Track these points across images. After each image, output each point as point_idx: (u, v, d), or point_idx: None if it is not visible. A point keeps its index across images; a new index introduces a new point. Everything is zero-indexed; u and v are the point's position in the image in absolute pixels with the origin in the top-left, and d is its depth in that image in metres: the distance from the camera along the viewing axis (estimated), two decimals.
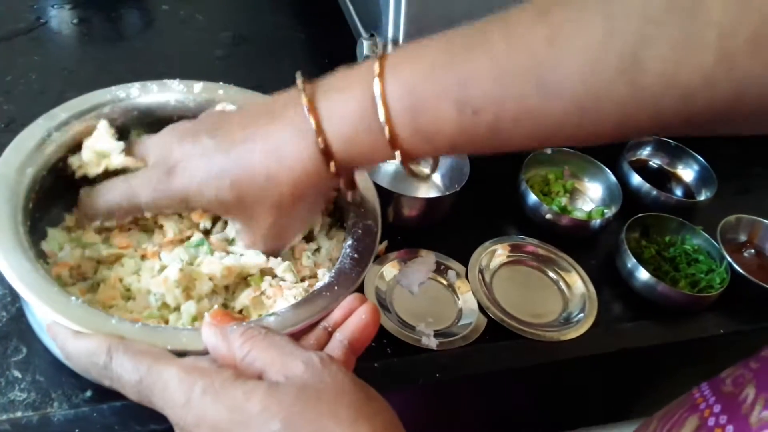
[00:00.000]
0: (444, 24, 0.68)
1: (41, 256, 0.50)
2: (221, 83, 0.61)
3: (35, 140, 0.51)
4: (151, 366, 0.39)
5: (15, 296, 0.53)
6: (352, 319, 0.44)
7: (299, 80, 0.45)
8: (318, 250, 0.57)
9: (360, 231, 0.54)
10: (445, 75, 0.40)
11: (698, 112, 0.36)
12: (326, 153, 0.43)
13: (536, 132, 0.40)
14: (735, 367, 0.53)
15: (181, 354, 0.41)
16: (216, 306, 0.51)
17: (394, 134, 0.42)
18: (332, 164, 0.44)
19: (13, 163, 0.49)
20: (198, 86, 0.60)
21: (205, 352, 0.41)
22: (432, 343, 0.59)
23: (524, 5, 0.40)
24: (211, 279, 0.52)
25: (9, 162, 0.49)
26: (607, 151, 0.81)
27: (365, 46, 0.73)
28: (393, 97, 0.41)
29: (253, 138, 0.46)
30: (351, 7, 0.82)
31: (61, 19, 0.84)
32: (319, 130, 0.43)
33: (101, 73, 0.76)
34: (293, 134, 0.44)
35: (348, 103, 0.43)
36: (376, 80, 0.41)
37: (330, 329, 0.44)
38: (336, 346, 0.42)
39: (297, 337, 0.44)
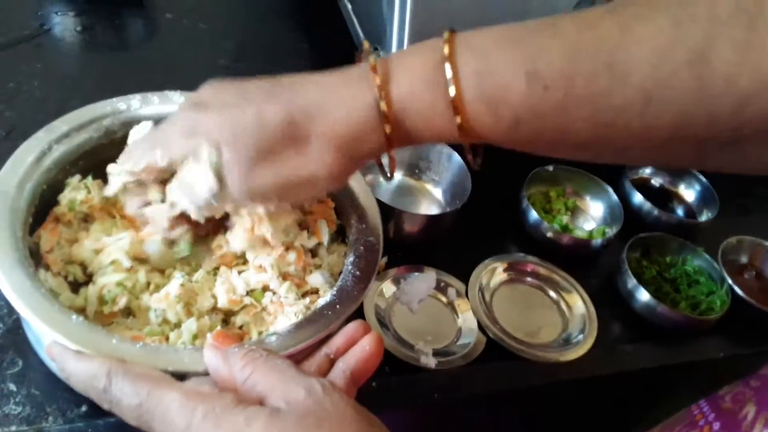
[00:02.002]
0: None
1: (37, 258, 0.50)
2: None
3: (35, 154, 0.51)
4: (151, 390, 0.38)
5: (12, 308, 0.52)
6: (355, 350, 0.44)
7: (365, 44, 0.44)
8: (320, 265, 0.57)
9: (362, 248, 0.54)
10: (515, 47, 0.39)
11: (750, 119, 0.36)
12: (385, 96, 0.41)
13: (601, 115, 0.39)
14: (734, 384, 0.53)
15: (182, 375, 0.41)
16: (219, 326, 0.51)
17: (459, 95, 0.40)
18: (383, 108, 0.41)
19: (13, 179, 0.49)
20: None
21: (206, 373, 0.41)
22: (431, 362, 0.58)
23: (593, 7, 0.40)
24: (213, 297, 0.51)
25: (8, 177, 0.49)
26: (609, 169, 0.81)
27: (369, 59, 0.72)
28: (462, 60, 0.40)
29: (311, 79, 0.44)
30: (355, 20, 0.82)
31: (64, 26, 0.83)
32: (382, 78, 0.41)
33: (104, 82, 0.76)
34: (353, 82, 0.42)
35: (415, 60, 0.42)
36: (445, 45, 0.40)
37: (332, 356, 0.44)
38: (338, 375, 0.42)
39: (298, 359, 0.43)
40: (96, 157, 0.55)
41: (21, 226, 0.47)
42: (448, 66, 0.40)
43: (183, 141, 0.44)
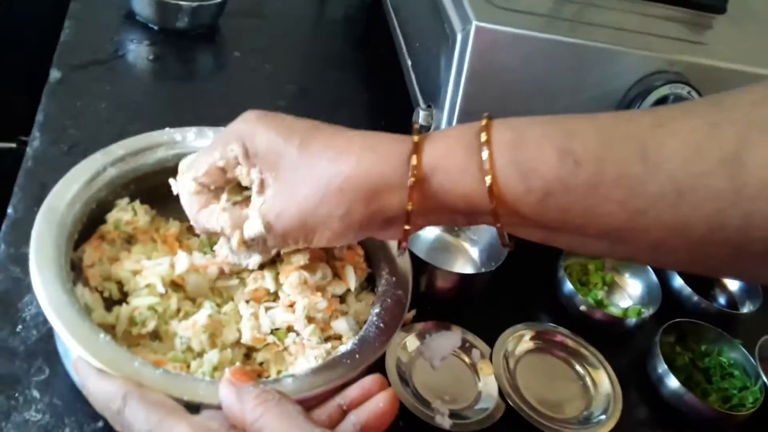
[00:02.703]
0: (499, 106, 0.69)
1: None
2: None
3: (89, 174, 0.54)
4: (162, 419, 0.39)
5: (47, 318, 0.55)
6: (369, 405, 0.44)
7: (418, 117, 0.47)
8: (347, 312, 0.58)
9: (389, 300, 0.54)
10: (551, 126, 0.41)
11: None
12: (417, 150, 0.43)
13: (632, 202, 0.39)
14: None
15: (196, 405, 0.42)
16: (240, 360, 0.51)
17: (491, 158, 0.41)
18: (413, 164, 0.43)
19: (65, 196, 0.52)
20: None
21: (219, 407, 0.42)
22: (446, 423, 0.58)
23: None
24: (238, 332, 0.53)
25: (61, 194, 0.52)
26: None
27: (421, 115, 0.74)
28: (497, 129, 0.42)
29: (352, 130, 0.47)
30: (413, 77, 0.84)
31: (137, 54, 0.88)
32: (419, 137, 0.44)
33: (166, 110, 0.80)
34: (394, 138, 0.45)
35: (454, 130, 0.45)
36: (483, 119, 0.43)
37: (345, 407, 0.44)
38: (348, 428, 0.42)
39: (311, 405, 0.44)
40: (147, 183, 0.58)
41: (66, 242, 0.49)
42: (483, 133, 0.41)
43: (237, 141, 0.48)
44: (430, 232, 0.77)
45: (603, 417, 0.63)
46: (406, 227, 0.46)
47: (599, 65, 0.68)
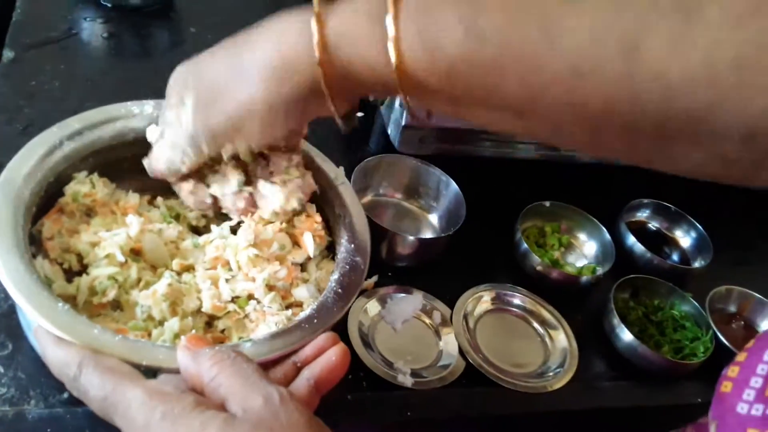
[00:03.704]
0: None
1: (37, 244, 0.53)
2: None
3: (46, 148, 0.54)
4: (116, 385, 0.40)
5: (8, 294, 0.55)
6: (321, 359, 0.45)
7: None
8: (308, 280, 0.59)
9: (348, 266, 0.55)
10: (459, 1, 0.40)
11: (676, 115, 0.37)
12: (319, 20, 0.42)
13: (531, 79, 0.39)
14: (675, 430, 0.54)
15: (155, 370, 0.43)
16: (201, 328, 0.53)
17: (397, 33, 0.40)
18: (315, 27, 0.42)
19: (22, 169, 0.52)
20: None
21: (178, 371, 0.42)
22: (407, 381, 0.60)
23: None
24: (199, 300, 0.53)
25: (17, 167, 0.52)
26: (606, 210, 0.82)
27: None
28: (406, 3, 0.41)
29: (263, 25, 0.47)
30: None
31: (92, 31, 0.87)
32: (321, 6, 0.43)
33: (122, 87, 0.79)
34: (297, 22, 0.45)
35: (357, 3, 0.43)
36: None
37: (299, 365, 0.45)
38: (302, 383, 0.44)
39: (267, 366, 0.45)
40: (105, 156, 0.58)
41: (23, 215, 0.50)
42: (390, 2, 0.40)
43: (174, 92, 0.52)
44: (391, 201, 0.78)
45: (560, 370, 0.66)
46: (332, 108, 0.47)
47: None
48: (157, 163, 0.55)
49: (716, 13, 0.35)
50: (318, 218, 0.59)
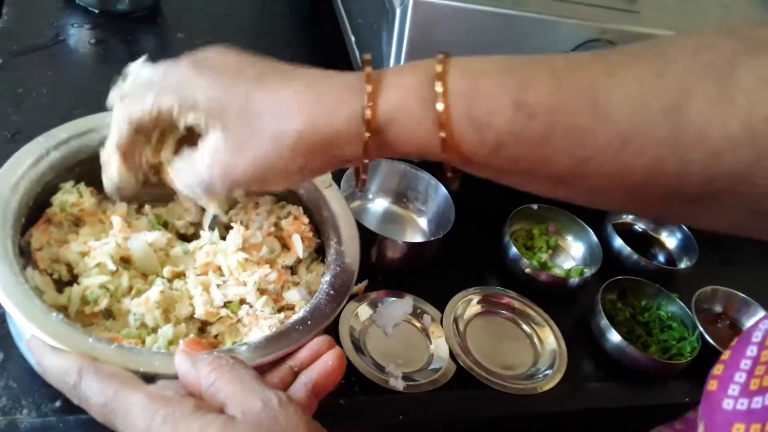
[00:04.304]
0: None
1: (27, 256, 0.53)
2: None
3: (33, 157, 0.54)
4: (117, 390, 0.40)
5: None
6: (318, 364, 0.46)
7: (367, 56, 0.44)
8: (299, 283, 0.59)
9: (338, 268, 0.56)
10: (507, 75, 0.41)
11: (721, 174, 0.38)
12: (372, 104, 0.41)
13: (580, 151, 0.40)
14: (662, 426, 0.55)
15: (152, 376, 0.43)
16: (194, 334, 0.53)
17: (446, 111, 0.41)
18: (368, 114, 0.41)
19: (9, 179, 0.52)
20: None
21: (175, 377, 0.43)
22: (399, 384, 0.60)
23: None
24: (191, 306, 0.54)
25: (5, 178, 0.52)
26: (593, 212, 0.83)
27: None
28: (453, 78, 0.41)
29: (303, 72, 0.45)
30: (357, 53, 0.85)
31: (79, 38, 0.87)
32: (374, 86, 0.42)
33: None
34: (344, 86, 0.43)
35: (408, 76, 0.42)
36: (438, 65, 0.41)
37: (296, 369, 0.46)
38: (299, 388, 0.44)
39: (263, 370, 0.45)
40: (91, 166, 0.58)
41: (12, 225, 0.50)
42: (438, 83, 0.41)
43: (174, 95, 0.46)
44: (380, 205, 0.79)
45: (549, 372, 0.66)
46: (363, 177, 0.46)
47: (534, 35, 0.71)
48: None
49: (748, 74, 0.37)
50: (305, 220, 0.60)
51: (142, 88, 0.48)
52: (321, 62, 0.97)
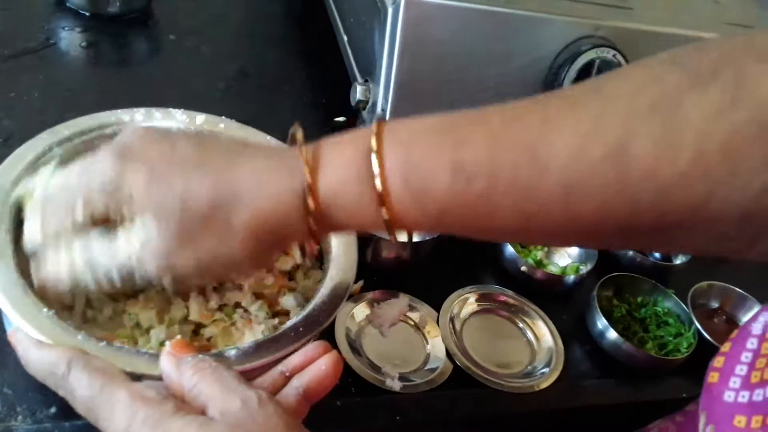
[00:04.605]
0: (433, 78, 0.71)
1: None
2: (223, 117, 0.63)
3: (35, 153, 0.54)
4: (103, 385, 0.40)
5: None
6: (311, 368, 0.45)
7: (298, 132, 0.44)
8: (295, 288, 0.59)
9: (335, 276, 0.55)
10: (442, 138, 0.40)
11: (672, 209, 0.37)
12: (312, 191, 0.41)
13: (524, 206, 0.40)
14: (663, 419, 0.55)
15: (138, 377, 0.43)
16: (188, 336, 0.53)
17: (386, 189, 0.40)
18: (311, 204, 0.41)
19: (10, 174, 0.52)
20: (200, 118, 0.62)
21: (160, 378, 0.42)
22: (396, 385, 0.60)
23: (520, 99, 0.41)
24: (186, 308, 0.53)
25: (5, 173, 0.52)
26: None
27: (359, 90, 0.75)
28: (389, 151, 0.40)
29: (240, 160, 0.43)
30: (350, 53, 0.85)
31: (70, 41, 0.87)
32: (311, 169, 0.41)
33: (102, 96, 0.79)
34: (284, 169, 0.43)
35: (344, 152, 0.42)
36: (373, 137, 0.41)
37: (288, 374, 0.45)
38: (291, 392, 0.44)
39: (253, 375, 0.45)
40: None
41: (10, 220, 0.50)
42: (374, 159, 0.40)
43: (105, 196, 0.44)
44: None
45: (546, 370, 0.66)
46: (311, 250, 0.48)
47: (527, 33, 0.70)
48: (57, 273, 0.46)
49: (695, 109, 0.35)
50: None
51: (64, 199, 0.45)
52: (314, 62, 0.97)
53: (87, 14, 0.90)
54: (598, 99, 0.38)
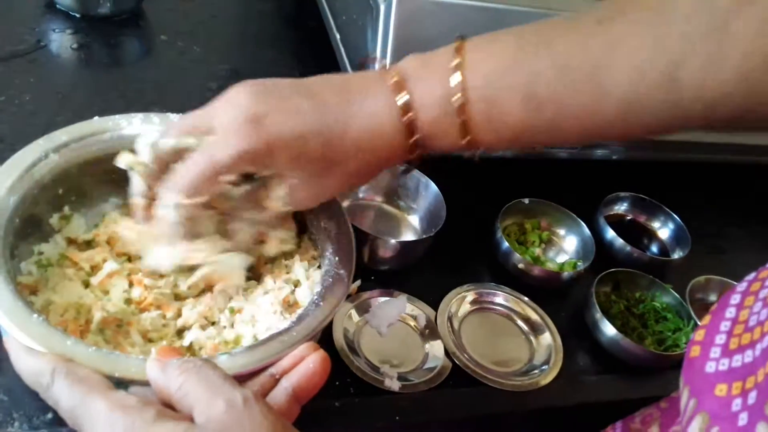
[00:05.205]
0: None
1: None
2: None
3: (30, 160, 0.53)
4: (83, 396, 0.40)
5: None
6: (299, 367, 0.45)
7: (387, 62, 0.52)
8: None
9: (331, 280, 0.54)
10: (516, 73, 0.46)
11: (719, 118, 0.43)
12: (411, 130, 0.48)
13: (588, 126, 0.46)
14: (648, 406, 0.55)
15: (127, 382, 0.42)
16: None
17: (469, 121, 0.47)
18: (413, 140, 0.49)
19: (6, 181, 0.51)
20: None
21: (149, 383, 0.42)
22: (394, 385, 0.60)
23: (586, 13, 0.46)
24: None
25: (2, 179, 0.51)
26: (584, 205, 0.83)
27: None
28: (471, 86, 0.46)
29: (349, 105, 0.49)
30: (343, 51, 0.84)
31: (60, 43, 0.86)
32: (410, 108, 0.48)
33: (94, 98, 0.78)
34: (386, 109, 0.48)
35: (434, 89, 0.48)
36: (458, 73, 0.47)
37: (277, 376, 0.45)
38: (280, 393, 0.43)
39: (243, 379, 0.44)
40: (90, 170, 0.57)
41: (5, 226, 0.49)
42: (458, 94, 0.47)
43: (250, 165, 0.50)
44: (370, 204, 0.78)
45: (545, 367, 0.66)
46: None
47: None
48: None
49: (743, 26, 0.40)
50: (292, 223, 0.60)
51: (224, 134, 0.49)
52: (307, 60, 0.97)
53: (77, 16, 0.89)
54: (656, 21, 0.43)
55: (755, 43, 0.39)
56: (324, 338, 0.60)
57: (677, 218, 0.87)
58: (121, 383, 0.43)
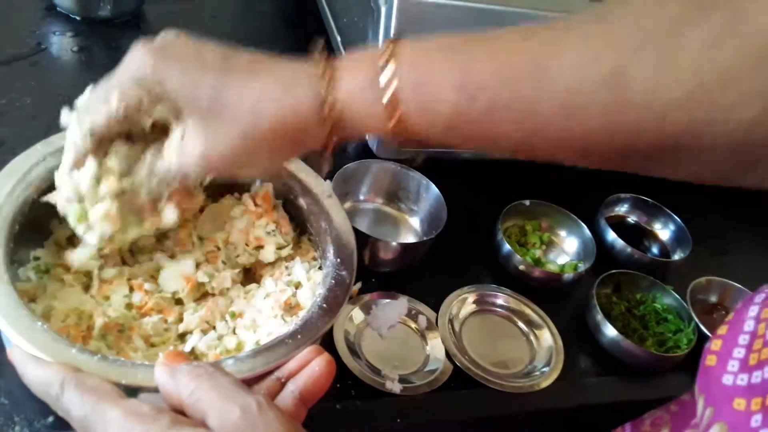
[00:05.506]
0: None
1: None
2: None
3: (29, 165, 0.53)
4: (95, 404, 0.40)
5: None
6: (305, 371, 0.45)
7: (319, 46, 0.47)
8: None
9: (333, 281, 0.54)
10: (450, 56, 0.43)
11: (670, 134, 0.38)
12: (326, 101, 0.44)
13: (526, 122, 0.42)
14: (657, 408, 0.55)
15: (135, 389, 0.42)
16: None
17: (395, 102, 0.43)
18: (326, 111, 0.44)
19: (5, 187, 0.51)
20: None
21: (157, 389, 0.42)
22: (396, 387, 0.60)
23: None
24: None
25: (0, 185, 0.51)
26: (585, 206, 0.83)
27: None
28: (399, 69, 0.43)
29: (265, 64, 0.47)
30: (344, 53, 0.84)
31: (61, 46, 0.86)
32: (328, 81, 0.44)
33: None
34: (305, 78, 0.45)
35: (359, 67, 0.44)
36: (386, 54, 0.43)
37: (283, 380, 0.45)
38: (287, 396, 0.43)
39: (250, 383, 0.44)
40: None
41: (5, 233, 0.49)
42: (386, 74, 0.43)
43: (140, 89, 0.46)
44: (371, 206, 0.78)
45: (546, 369, 0.66)
46: (328, 157, 0.48)
47: None
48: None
49: (694, 38, 0.37)
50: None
51: (101, 93, 0.49)
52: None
53: (78, 18, 0.89)
54: (602, 24, 0.40)
55: (708, 55, 0.36)
56: (325, 341, 0.60)
57: (678, 219, 0.87)
58: (128, 390, 0.42)
